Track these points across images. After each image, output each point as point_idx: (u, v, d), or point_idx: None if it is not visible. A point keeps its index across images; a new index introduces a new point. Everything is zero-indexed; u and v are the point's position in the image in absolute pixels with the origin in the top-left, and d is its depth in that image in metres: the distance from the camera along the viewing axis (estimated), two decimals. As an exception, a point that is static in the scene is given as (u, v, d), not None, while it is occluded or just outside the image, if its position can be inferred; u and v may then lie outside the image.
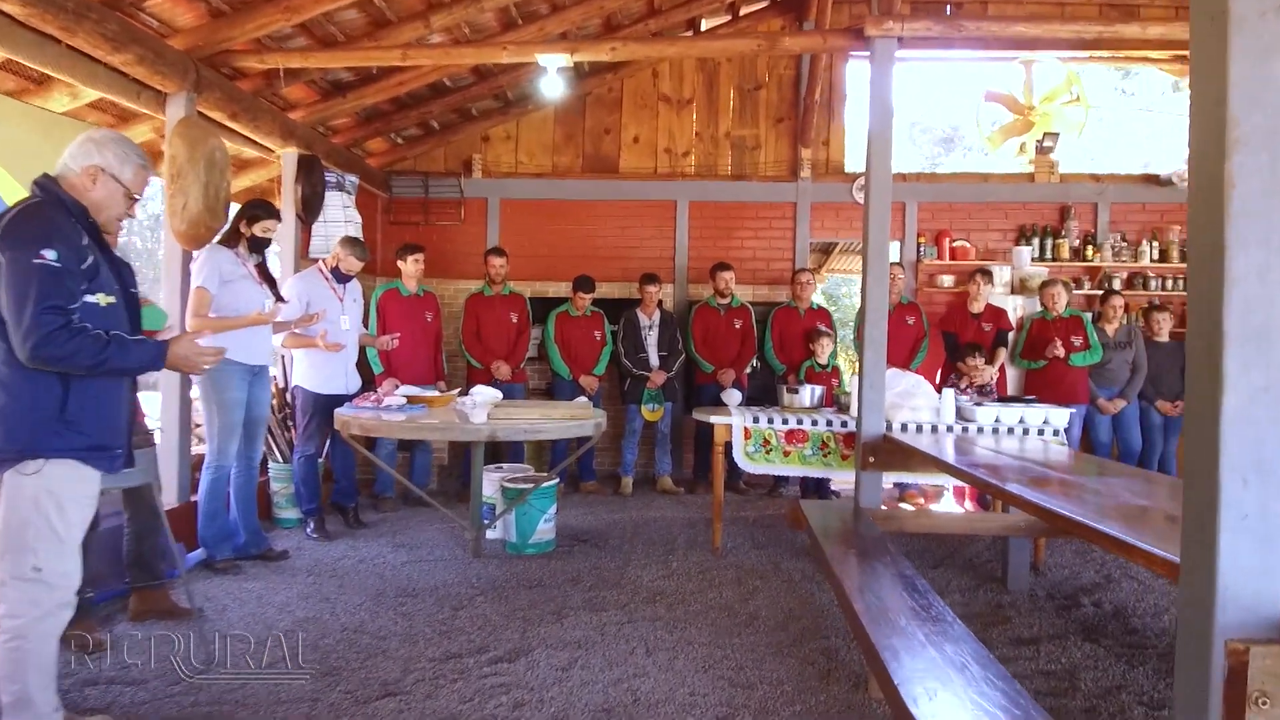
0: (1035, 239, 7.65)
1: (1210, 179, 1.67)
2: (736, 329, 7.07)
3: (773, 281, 7.79)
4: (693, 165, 7.94)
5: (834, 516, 4.48)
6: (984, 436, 4.90)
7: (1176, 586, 1.71)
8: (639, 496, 6.91)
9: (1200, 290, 1.70)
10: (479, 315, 6.69)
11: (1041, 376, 6.69)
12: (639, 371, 6.87)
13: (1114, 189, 7.74)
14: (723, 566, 4.93)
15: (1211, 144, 1.67)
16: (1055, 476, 3.31)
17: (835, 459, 5.09)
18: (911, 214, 7.77)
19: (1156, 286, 7.60)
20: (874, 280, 4.74)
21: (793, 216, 7.80)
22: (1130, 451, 6.76)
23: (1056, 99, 8.16)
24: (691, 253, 7.81)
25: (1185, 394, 1.74)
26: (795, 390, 5.65)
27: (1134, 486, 3.13)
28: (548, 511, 5.14)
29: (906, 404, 5.04)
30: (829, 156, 7.88)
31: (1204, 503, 1.65)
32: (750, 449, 5.11)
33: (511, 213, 7.89)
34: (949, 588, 4.68)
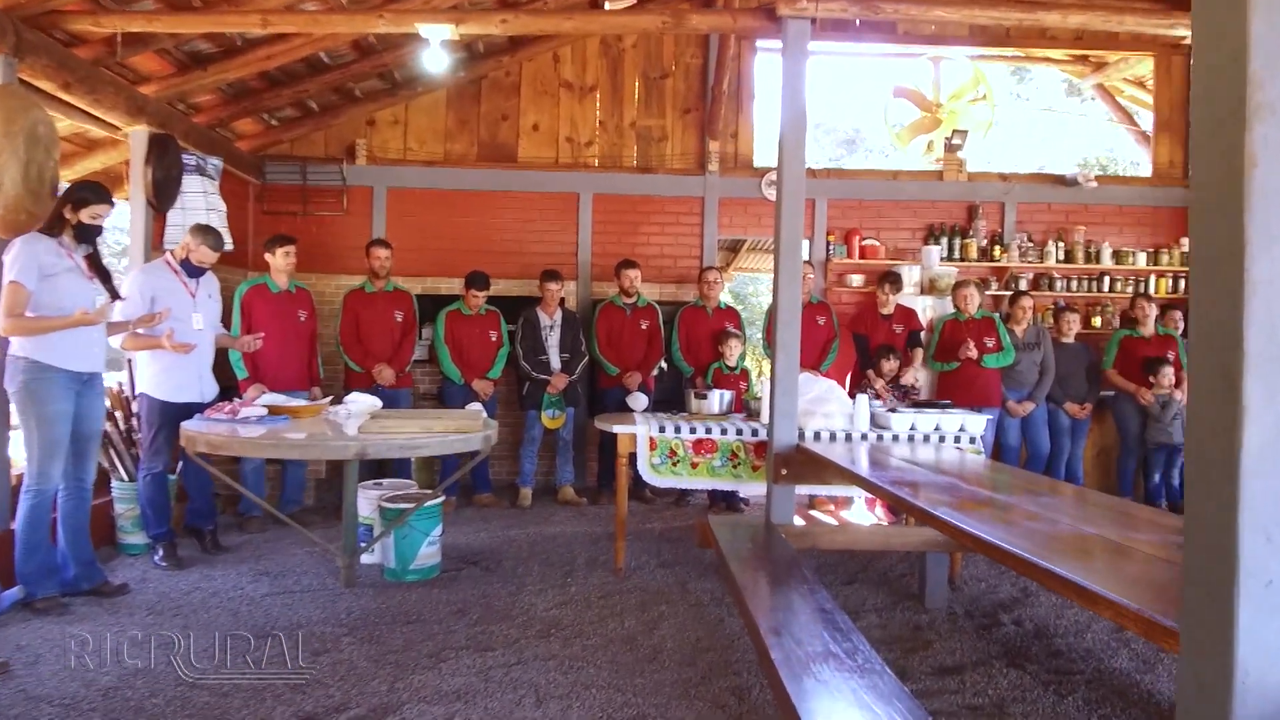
0: (944, 238, 7.50)
1: (1222, 156, 1.32)
2: (643, 330, 6.68)
3: (680, 280, 7.44)
4: (596, 156, 7.51)
5: (744, 535, 4.13)
6: (899, 445, 4.63)
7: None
8: (538, 508, 6.45)
9: (1209, 298, 1.35)
10: (359, 314, 6.10)
11: (954, 379, 6.53)
12: (539, 375, 6.41)
13: (1020, 188, 7.67)
14: (625, 590, 4.52)
15: (1224, 112, 1.32)
16: (985, 496, 3.02)
17: (746, 470, 4.75)
18: (821, 211, 7.52)
19: (1062, 287, 7.55)
20: (786, 279, 4.41)
21: (700, 212, 7.45)
22: (1039, 455, 6.66)
23: (964, 96, 8.06)
24: (596, 248, 7.38)
25: (1187, 428, 1.40)
26: (704, 396, 5.29)
27: (1070, 508, 2.86)
28: (431, 533, 4.63)
29: (819, 410, 4.73)
30: (738, 150, 7.57)
31: (1214, 564, 1.30)
32: (656, 460, 4.71)
33: (399, 203, 7.31)
34: (865, 607, 4.39)
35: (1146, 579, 1.92)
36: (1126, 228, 7.72)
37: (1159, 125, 7.83)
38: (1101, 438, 7.12)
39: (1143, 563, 2.05)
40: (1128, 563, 2.08)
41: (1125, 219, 7.73)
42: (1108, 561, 2.14)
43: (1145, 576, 1.96)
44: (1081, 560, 2.13)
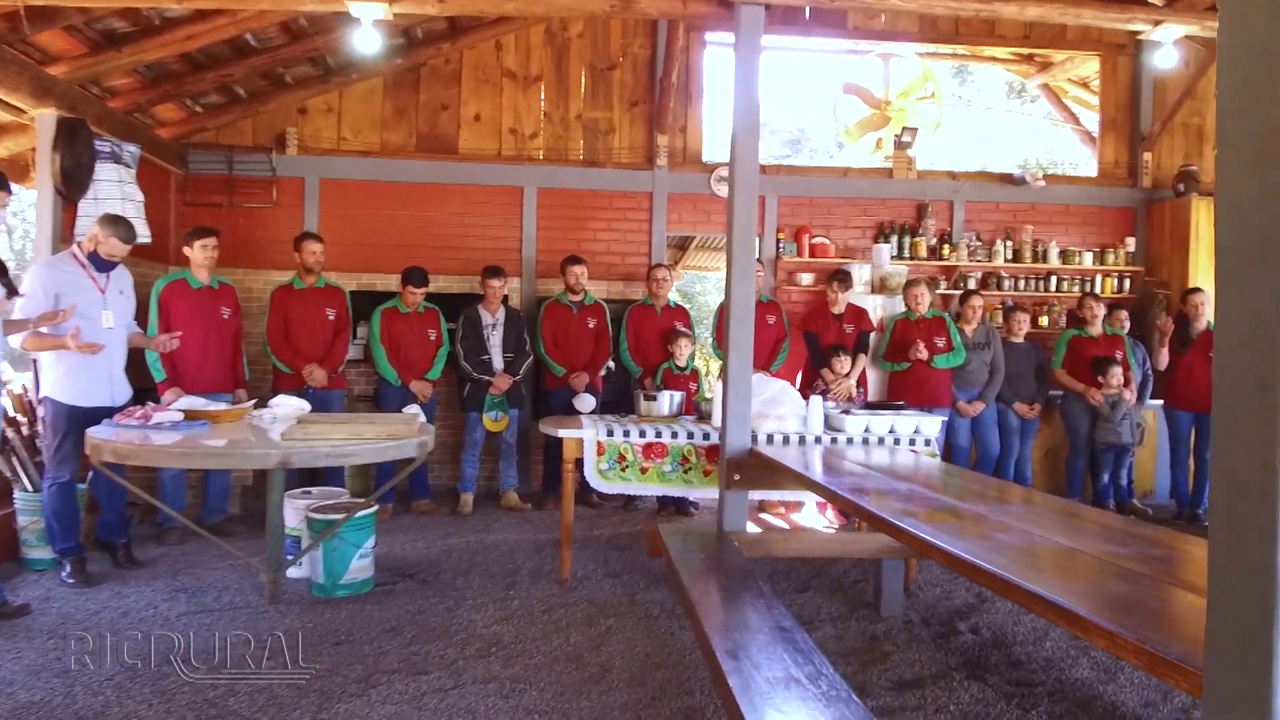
0: (894, 237, 7.42)
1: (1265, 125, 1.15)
2: (590, 329, 6.46)
3: (628, 277, 7.23)
4: (541, 148, 7.26)
5: (696, 544, 3.94)
6: (854, 448, 4.49)
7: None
8: (480, 515, 6.18)
9: (1241, 297, 1.18)
10: (288, 311, 5.76)
11: (905, 379, 6.44)
12: (480, 375, 6.14)
13: (969, 187, 7.63)
14: (571, 602, 4.30)
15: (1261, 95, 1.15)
16: (951, 505, 2.87)
17: (697, 475, 4.56)
18: (771, 208, 7.38)
19: (1010, 287, 7.53)
20: (739, 275, 4.23)
21: (649, 208, 7.25)
22: (989, 455, 6.61)
23: (912, 94, 8.00)
24: (540, 244, 7.13)
25: (1211, 447, 1.23)
26: (653, 397, 5.09)
27: (1038, 516, 2.73)
28: (363, 545, 4.35)
29: (772, 413, 4.57)
30: (686, 145, 7.38)
31: (1249, 602, 1.14)
32: (604, 466, 4.50)
33: (333, 195, 6.97)
34: (820, 616, 4.23)
35: (1143, 604, 1.77)
36: (1073, 227, 7.73)
37: (1104, 125, 7.85)
38: (1050, 438, 7.11)
39: (1132, 582, 1.91)
40: (1114, 582, 1.93)
41: (1072, 218, 7.74)
42: (1091, 580, 1.99)
43: (1139, 600, 1.80)
44: (1064, 579, 1.97)
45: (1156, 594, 1.87)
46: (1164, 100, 7.69)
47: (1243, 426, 1.13)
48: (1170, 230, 7.41)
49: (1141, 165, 7.70)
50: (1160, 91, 7.73)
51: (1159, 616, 1.73)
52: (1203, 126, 7.85)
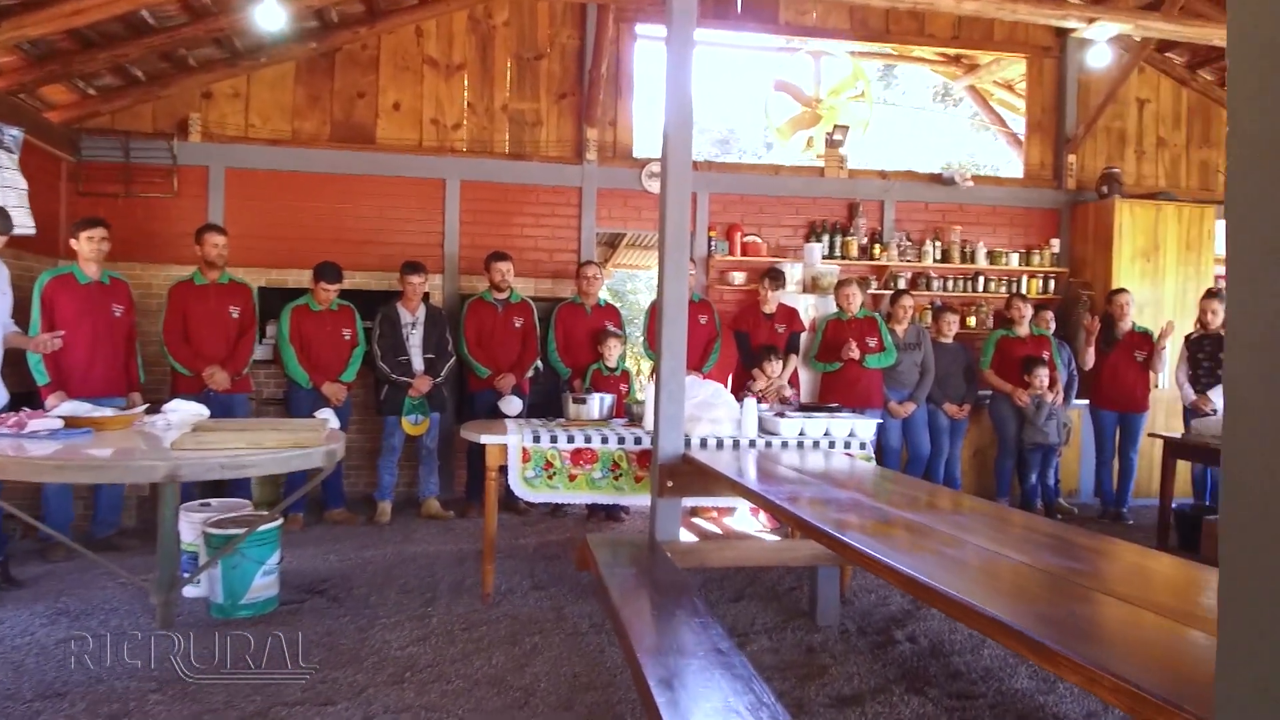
0: (825, 236, 7.35)
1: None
2: (516, 328, 6.20)
3: (556, 275, 6.99)
4: (465, 140, 6.97)
5: (627, 556, 3.74)
6: (788, 452, 4.35)
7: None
8: (399, 524, 5.88)
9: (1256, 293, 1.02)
10: (188, 309, 5.37)
11: (836, 379, 6.36)
12: (399, 377, 5.83)
13: (899, 186, 7.60)
14: (494, 619, 4.05)
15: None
16: (895, 516, 2.72)
17: (628, 481, 4.36)
18: (703, 205, 7.23)
19: (939, 287, 7.53)
20: (672, 274, 4.04)
21: (578, 203, 7.03)
22: (919, 456, 6.57)
23: (843, 92, 7.96)
24: (464, 240, 6.84)
25: (1223, 459, 1.07)
26: (582, 400, 4.87)
27: (982, 526, 2.60)
28: (267, 561, 4.03)
29: (705, 416, 4.39)
30: (616, 139, 7.18)
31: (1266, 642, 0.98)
32: (530, 473, 4.26)
33: (240, 186, 6.56)
34: (754, 627, 4.08)
35: (1119, 632, 1.63)
36: (1000, 228, 7.78)
37: (1030, 127, 7.92)
38: (978, 438, 7.13)
39: (1099, 605, 1.77)
40: (1084, 605, 1.78)
41: (999, 219, 7.78)
42: (1051, 602, 1.84)
43: (1112, 628, 1.66)
44: (1025, 601, 1.83)
45: (1131, 620, 1.73)
46: (1088, 103, 7.79)
47: (1256, 432, 0.97)
48: (1094, 232, 7.51)
49: (1066, 167, 7.78)
50: (1084, 94, 7.83)
51: (1133, 645, 1.59)
52: (1124, 129, 7.98)
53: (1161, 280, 7.33)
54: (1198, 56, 7.80)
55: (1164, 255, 7.35)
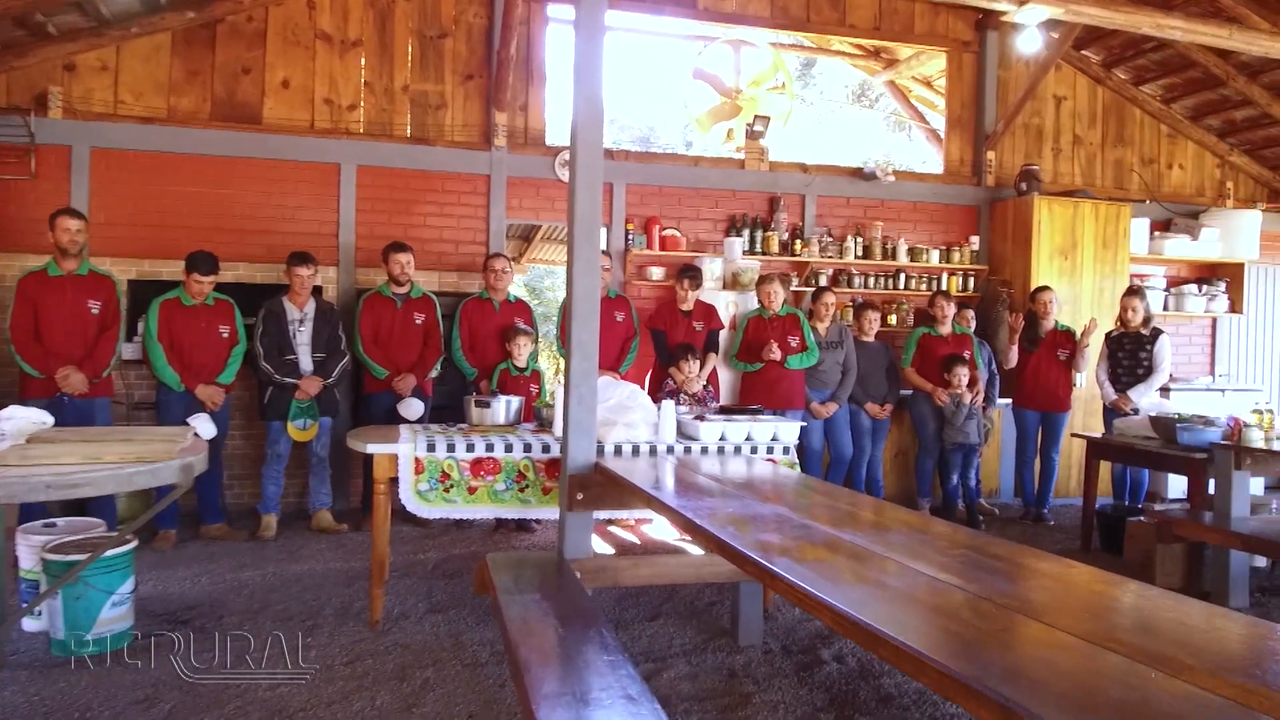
0: (746, 230, 7.09)
1: None
2: (417, 324, 5.74)
3: (462, 268, 6.54)
4: (361, 122, 6.46)
5: (531, 578, 3.36)
6: (708, 458, 4.04)
7: None
8: (286, 540, 5.36)
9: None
10: (39, 303, 4.75)
11: (758, 380, 6.10)
12: (284, 378, 5.32)
13: (820, 181, 7.39)
14: (382, 649, 3.63)
15: None
16: (827, 536, 2.42)
17: (535, 493, 3.98)
18: (620, 197, 6.88)
19: (860, 284, 7.35)
20: (582, 268, 3.67)
21: (486, 192, 6.59)
22: (842, 458, 6.37)
23: (764, 83, 7.73)
24: (361, 229, 6.33)
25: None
26: (486, 403, 4.47)
27: (918, 546, 2.32)
28: (118, 590, 3.52)
29: (620, 420, 4.05)
30: (528, 125, 6.77)
31: None
32: (423, 486, 3.84)
33: (108, 167, 5.92)
34: (672, 649, 3.75)
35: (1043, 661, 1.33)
36: (921, 225, 7.65)
37: (950, 122, 7.81)
38: (899, 438, 6.97)
39: (1064, 650, 1.48)
40: (1008, 635, 1.50)
41: (920, 216, 7.65)
42: (981, 633, 1.55)
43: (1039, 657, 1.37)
44: (956, 639, 1.53)
45: (1049, 642, 1.45)
46: (1006, 100, 7.72)
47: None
48: (1013, 229, 7.44)
49: (985, 164, 7.70)
50: (1003, 91, 7.77)
51: (1053, 673, 1.31)
52: (1042, 126, 7.95)
53: (1079, 278, 7.30)
54: (1113, 55, 7.81)
55: (1081, 253, 7.32)
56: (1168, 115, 8.13)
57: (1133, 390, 6.16)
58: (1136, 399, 6.13)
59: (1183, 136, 8.26)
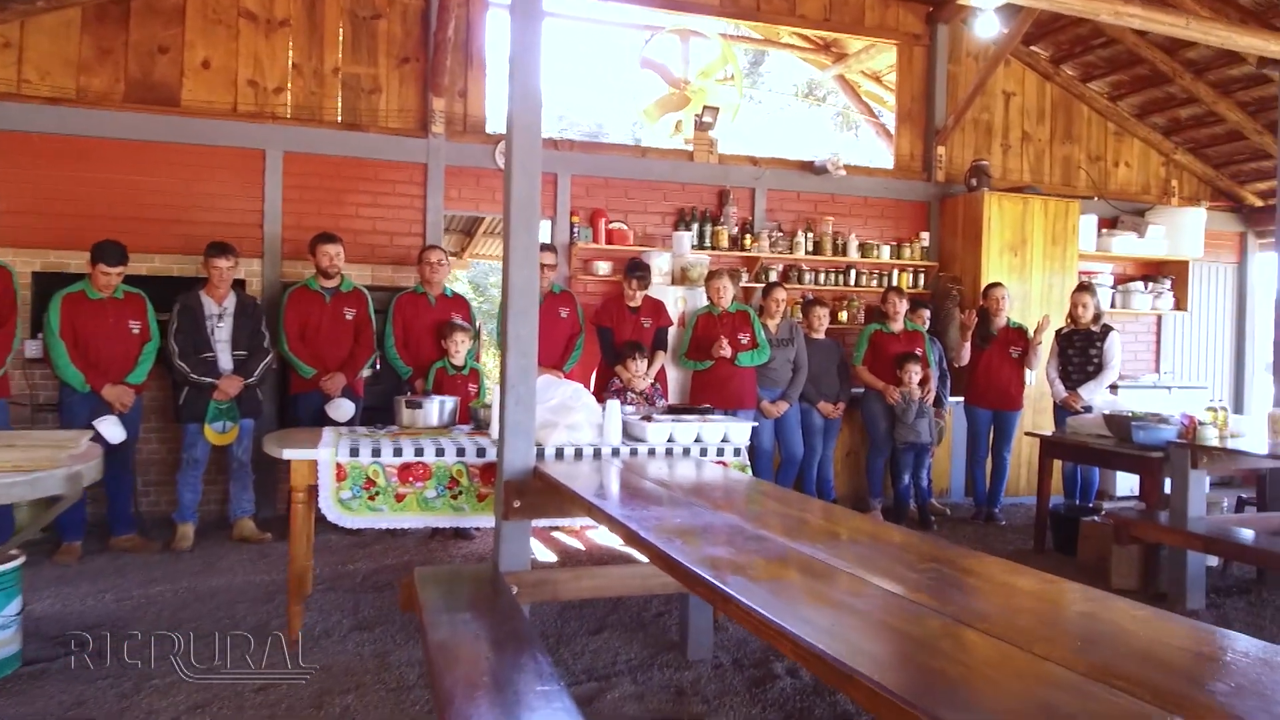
0: (695, 224, 6.88)
1: None
2: (347, 320, 5.42)
3: (397, 261, 6.22)
4: (289, 106, 6.09)
5: (463, 594, 3.10)
6: (656, 461, 3.81)
7: None
8: (204, 551, 5.01)
9: None
10: (-79, 296, 4.35)
11: (708, 378, 5.89)
12: (201, 378, 4.96)
13: (770, 174, 7.22)
14: (301, 671, 3.33)
15: None
16: (778, 547, 2.20)
17: (469, 500, 3.71)
18: (564, 188, 6.62)
19: (810, 280, 7.19)
20: (519, 257, 3.41)
21: (423, 181, 6.28)
22: (793, 458, 6.19)
23: (712, 74, 7.53)
24: (288, 220, 5.97)
25: None
26: (417, 404, 4.18)
27: (882, 560, 2.12)
28: (3, 612, 3.17)
29: (562, 421, 3.79)
30: (467, 111, 6.47)
31: None
32: (346, 494, 3.55)
33: (10, 150, 5.47)
34: (616, 666, 3.52)
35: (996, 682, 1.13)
36: (871, 220, 7.53)
37: (900, 117, 7.70)
38: (850, 438, 6.83)
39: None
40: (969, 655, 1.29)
41: (870, 211, 7.53)
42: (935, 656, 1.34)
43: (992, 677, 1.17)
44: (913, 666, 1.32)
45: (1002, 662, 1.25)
46: (956, 95, 7.64)
47: None
48: (963, 225, 7.35)
49: (935, 159, 7.61)
50: (953, 85, 7.68)
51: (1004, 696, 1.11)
52: (991, 122, 7.89)
53: (1029, 275, 7.24)
54: (1061, 51, 7.78)
55: (1031, 250, 7.26)
56: (1114, 112, 8.13)
57: (1083, 388, 6.09)
58: (1087, 396, 6.06)
59: (1129, 134, 8.27)
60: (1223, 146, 8.08)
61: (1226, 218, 8.49)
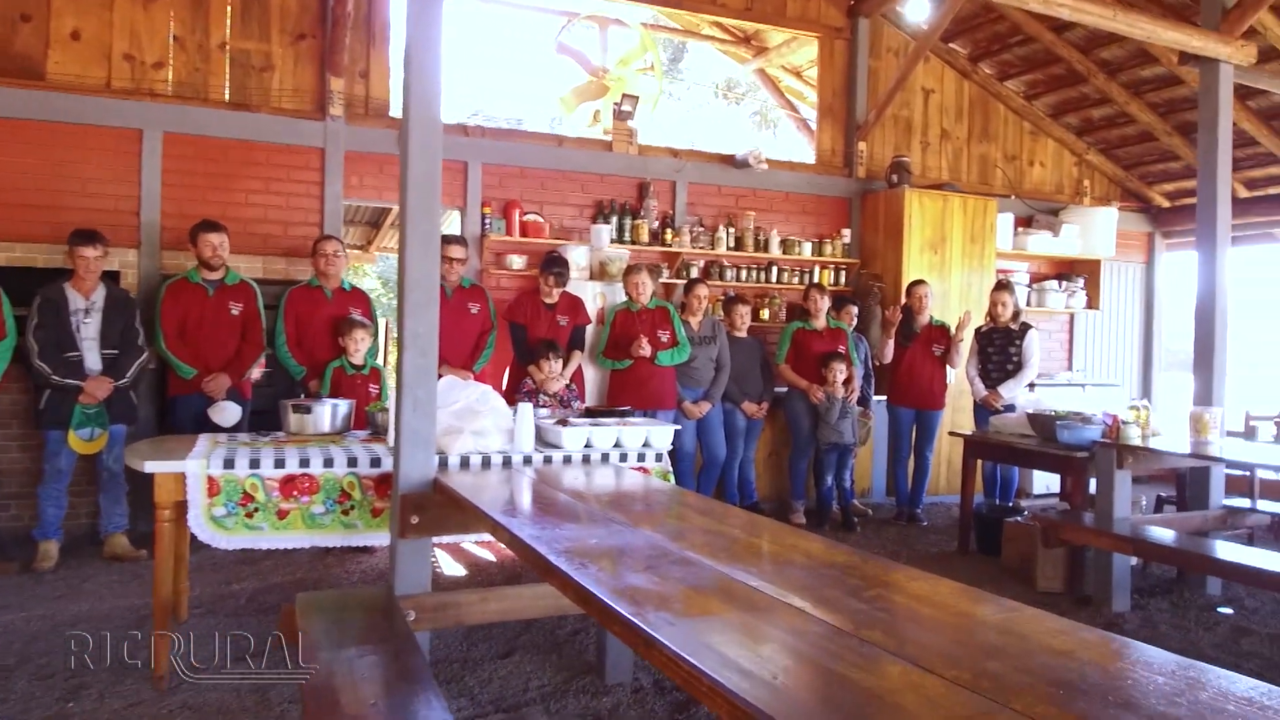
0: (614, 217, 6.60)
1: None
2: (233, 316, 4.96)
3: (292, 253, 5.76)
4: (170, 83, 5.58)
5: (351, 622, 2.76)
6: (572, 468, 3.52)
7: None
8: (68, 571, 4.50)
9: None
10: None
11: (627, 378, 5.63)
12: (64, 379, 4.45)
13: (691, 167, 6.99)
14: (166, 712, 2.93)
15: None
16: (709, 572, 1.94)
17: (363, 515, 3.35)
18: (475, 177, 6.26)
19: (732, 277, 7.00)
20: (417, 243, 3.07)
21: (320, 167, 5.83)
22: (715, 460, 5.98)
23: (632, 63, 7.28)
24: (168, 206, 5.46)
25: None
26: (306, 408, 3.80)
27: (825, 587, 1.88)
28: None
29: (468, 427, 3.46)
30: (369, 93, 6.05)
31: None
32: (220, 511, 3.15)
33: None
34: (528, 694, 3.22)
35: None
36: (793, 216, 7.38)
37: (822, 110, 7.58)
38: (772, 438, 6.65)
39: None
40: None
41: (792, 206, 7.37)
42: None
43: None
44: None
45: None
46: (877, 90, 7.55)
47: None
48: (884, 222, 7.26)
49: (856, 154, 7.50)
50: (874, 80, 7.59)
51: None
52: (910, 119, 7.83)
53: (948, 272, 7.19)
54: (979, 48, 7.77)
55: (950, 247, 7.21)
56: (1030, 112, 8.18)
57: (1003, 386, 6.04)
58: (1007, 395, 6.02)
59: (1044, 134, 8.34)
60: (1133, 147, 8.21)
61: (1136, 218, 8.64)
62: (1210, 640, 3.99)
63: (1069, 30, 7.02)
